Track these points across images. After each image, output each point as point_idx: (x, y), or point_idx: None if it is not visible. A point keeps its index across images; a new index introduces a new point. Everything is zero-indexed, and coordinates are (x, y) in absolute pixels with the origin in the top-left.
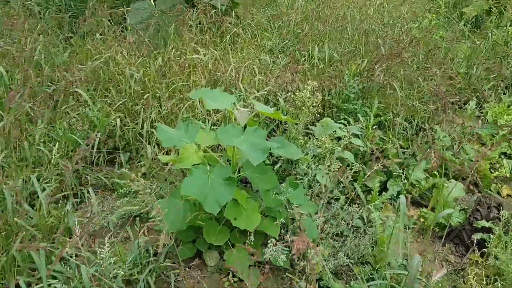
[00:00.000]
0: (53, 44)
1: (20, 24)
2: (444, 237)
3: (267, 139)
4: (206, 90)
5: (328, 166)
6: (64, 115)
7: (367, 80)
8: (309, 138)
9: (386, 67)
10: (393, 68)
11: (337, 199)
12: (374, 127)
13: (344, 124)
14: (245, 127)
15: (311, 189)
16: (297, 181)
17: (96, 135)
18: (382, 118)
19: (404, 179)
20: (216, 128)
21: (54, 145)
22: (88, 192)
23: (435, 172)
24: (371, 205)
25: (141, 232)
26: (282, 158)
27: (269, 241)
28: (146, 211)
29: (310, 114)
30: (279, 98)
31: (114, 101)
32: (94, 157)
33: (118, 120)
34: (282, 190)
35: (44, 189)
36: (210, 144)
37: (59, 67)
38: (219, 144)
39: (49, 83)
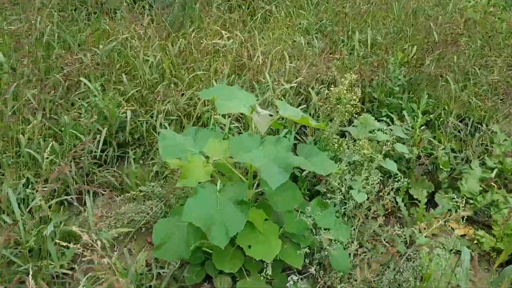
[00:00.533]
0: (70, 22)
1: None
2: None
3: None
4: (221, 87)
5: (366, 178)
6: (75, 102)
7: (414, 70)
8: (345, 137)
9: (439, 55)
10: (446, 57)
11: (375, 217)
12: (422, 127)
13: (386, 122)
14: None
15: (345, 206)
16: (327, 200)
17: (103, 129)
18: (431, 116)
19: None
20: (239, 131)
21: (57, 141)
22: (90, 193)
23: (493, 183)
24: (415, 228)
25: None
26: None
27: (290, 276)
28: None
29: (346, 114)
30: (311, 92)
31: (127, 90)
32: (103, 151)
33: (129, 112)
34: (307, 212)
35: (32, 193)
36: (221, 157)
37: (73, 48)
38: None
39: (63, 67)
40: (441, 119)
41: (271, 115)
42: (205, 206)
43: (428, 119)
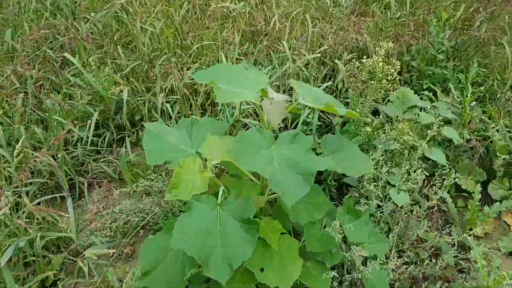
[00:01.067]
0: None
1: None
2: None
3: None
4: (222, 66)
5: (407, 171)
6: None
7: (461, 33)
8: (378, 115)
9: (491, 14)
10: (500, 16)
11: (418, 220)
12: (472, 103)
13: (428, 96)
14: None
15: (381, 209)
16: (359, 201)
17: (95, 111)
18: (482, 88)
19: None
20: (255, 111)
21: (42, 127)
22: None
23: None
24: (467, 234)
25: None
26: None
27: None
28: (154, 222)
29: (381, 91)
30: (339, 64)
31: (125, 64)
32: (99, 136)
33: (125, 91)
34: (335, 224)
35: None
36: (223, 159)
37: (67, 17)
38: None
39: (58, 36)
40: (494, 92)
41: (290, 101)
42: (201, 227)
43: (480, 93)
